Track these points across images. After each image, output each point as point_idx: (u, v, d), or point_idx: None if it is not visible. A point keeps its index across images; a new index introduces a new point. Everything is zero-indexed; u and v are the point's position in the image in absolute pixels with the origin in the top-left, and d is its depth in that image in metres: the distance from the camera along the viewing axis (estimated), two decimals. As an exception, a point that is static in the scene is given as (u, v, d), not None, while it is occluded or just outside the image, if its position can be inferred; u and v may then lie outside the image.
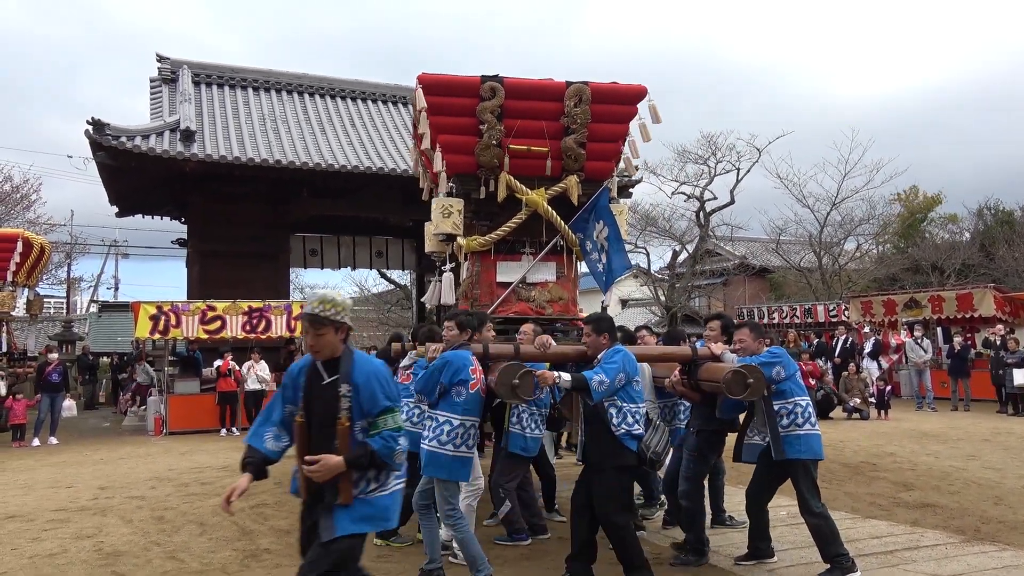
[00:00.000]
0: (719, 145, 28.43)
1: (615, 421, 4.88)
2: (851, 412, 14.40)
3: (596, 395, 4.78)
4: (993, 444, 10.75)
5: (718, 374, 5.11)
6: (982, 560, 5.40)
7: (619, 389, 4.89)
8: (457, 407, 5.13)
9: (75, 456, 11.66)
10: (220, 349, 14.73)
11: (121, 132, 15.58)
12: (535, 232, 6.97)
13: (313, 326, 3.44)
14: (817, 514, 5.09)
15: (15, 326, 18.44)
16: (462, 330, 5.41)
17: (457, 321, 5.44)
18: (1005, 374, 14.81)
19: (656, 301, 30.68)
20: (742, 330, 5.43)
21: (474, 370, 5.20)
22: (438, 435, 5.11)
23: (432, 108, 6.67)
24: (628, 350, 5.14)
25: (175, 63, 19.35)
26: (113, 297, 36.43)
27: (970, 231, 30.41)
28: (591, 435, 5.05)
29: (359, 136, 19.06)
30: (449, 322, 5.49)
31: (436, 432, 5.13)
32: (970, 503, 7.26)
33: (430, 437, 5.16)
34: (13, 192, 25.29)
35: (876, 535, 6.11)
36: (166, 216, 20.70)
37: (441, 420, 5.14)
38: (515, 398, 4.89)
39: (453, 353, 5.23)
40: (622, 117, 7.07)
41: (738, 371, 4.95)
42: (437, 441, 5.10)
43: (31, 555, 5.87)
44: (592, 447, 5.04)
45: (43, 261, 17.14)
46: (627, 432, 4.88)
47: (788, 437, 5.11)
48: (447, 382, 5.14)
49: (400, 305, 36.61)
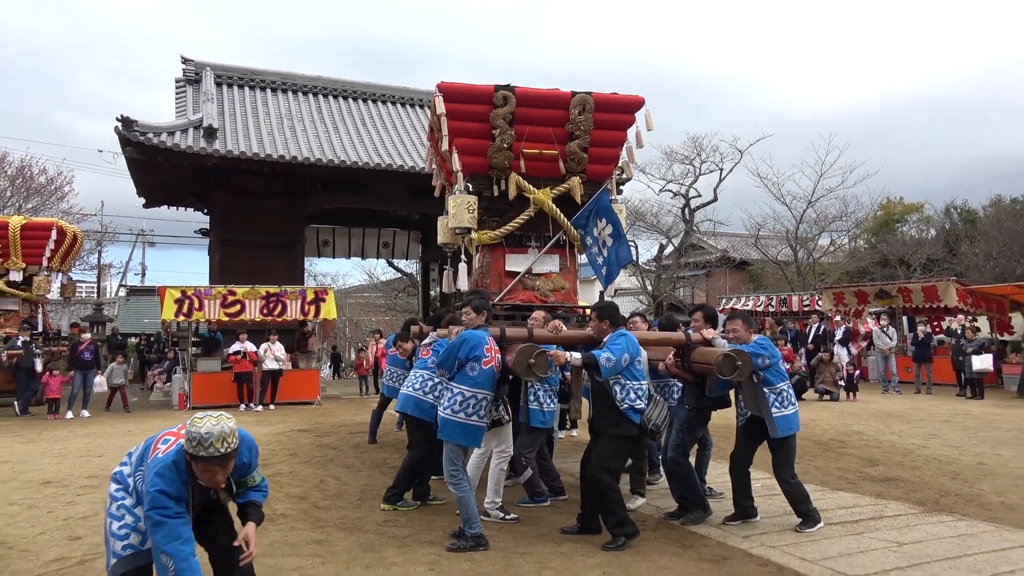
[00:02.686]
0: (704, 146, 28.64)
1: (619, 397, 5.18)
2: (822, 394, 14.61)
3: (605, 371, 5.07)
4: (952, 424, 10.90)
5: (710, 357, 5.34)
6: (940, 529, 5.54)
7: (624, 368, 5.15)
8: (470, 380, 5.33)
9: (105, 428, 11.76)
10: (238, 331, 14.87)
11: (148, 129, 15.62)
12: (541, 227, 7.12)
13: (227, 462, 3.19)
14: (792, 483, 5.56)
15: (50, 308, 18.52)
16: (478, 313, 5.63)
17: (473, 306, 5.66)
18: (964, 360, 15.02)
19: (644, 291, 30.88)
20: (735, 320, 5.64)
21: (488, 349, 5.39)
22: (452, 404, 5.33)
23: (450, 114, 6.80)
24: (630, 333, 5.40)
25: (199, 65, 19.35)
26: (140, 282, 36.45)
27: (936, 229, 30.61)
28: (598, 409, 5.37)
29: (369, 135, 19.12)
30: (466, 307, 5.72)
31: (451, 402, 5.34)
32: (930, 477, 7.37)
33: (445, 405, 5.39)
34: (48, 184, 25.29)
35: (843, 506, 6.24)
36: (190, 207, 20.75)
37: (455, 391, 5.35)
38: (531, 375, 5.16)
39: (470, 332, 5.45)
40: (622, 124, 7.22)
41: (728, 355, 5.19)
42: (451, 409, 5.32)
43: (65, 517, 5.98)
44: (598, 419, 5.38)
45: (76, 248, 17.21)
46: (630, 407, 5.18)
47: (777, 419, 5.45)
48: (463, 357, 5.35)
49: (407, 292, 36.71)
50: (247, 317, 14.74)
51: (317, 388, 15.65)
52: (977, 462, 8.12)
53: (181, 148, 15.51)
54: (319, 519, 5.95)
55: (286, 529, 5.65)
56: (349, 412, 13.39)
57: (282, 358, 14.78)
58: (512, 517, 5.90)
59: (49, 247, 15.47)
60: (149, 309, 25.95)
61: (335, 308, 15.83)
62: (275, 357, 14.60)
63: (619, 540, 5.10)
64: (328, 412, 13.53)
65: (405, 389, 6.47)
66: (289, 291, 15.09)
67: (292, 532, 5.58)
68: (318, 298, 15.31)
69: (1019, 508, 6.20)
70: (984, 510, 6.14)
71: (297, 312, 15.11)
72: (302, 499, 6.59)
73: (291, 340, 16.38)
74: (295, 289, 15.30)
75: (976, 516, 5.94)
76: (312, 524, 5.80)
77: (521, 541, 5.35)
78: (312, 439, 9.96)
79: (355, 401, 16.00)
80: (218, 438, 3.07)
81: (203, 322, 15.52)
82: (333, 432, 10.61)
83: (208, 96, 17.78)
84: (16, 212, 21.92)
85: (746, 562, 4.86)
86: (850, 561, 4.82)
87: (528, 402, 6.23)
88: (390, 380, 8.94)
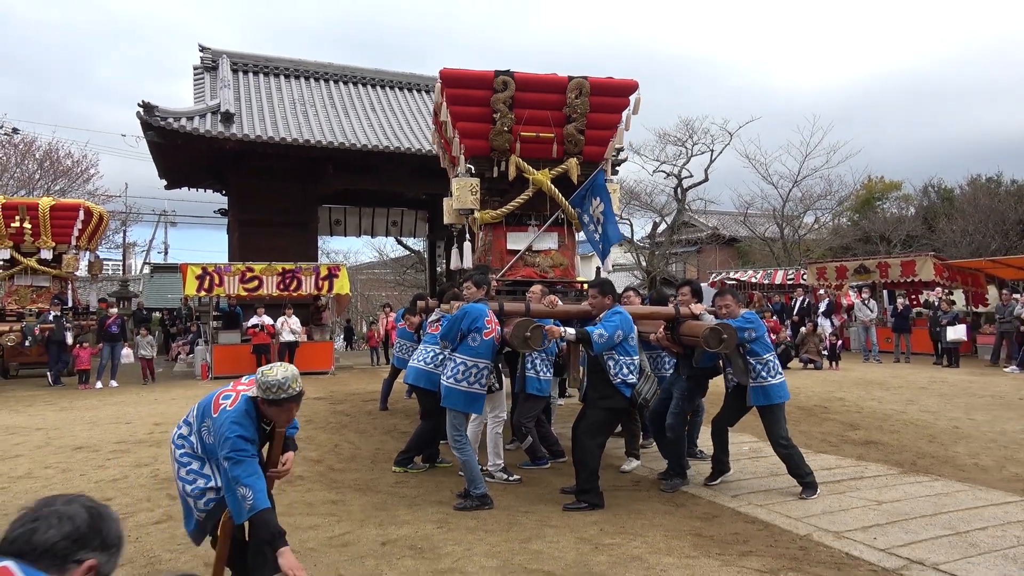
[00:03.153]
0: (695, 129, 28.43)
1: (613, 371, 5.15)
2: (806, 363, 14.62)
3: (596, 347, 5.04)
4: (929, 391, 10.92)
5: (698, 330, 5.31)
6: (917, 488, 5.57)
7: (617, 344, 5.13)
8: (471, 351, 5.35)
9: (133, 397, 11.80)
10: (256, 305, 14.88)
11: (168, 114, 15.52)
12: (540, 207, 7.10)
13: (300, 400, 3.47)
14: (785, 445, 5.49)
15: (78, 285, 18.53)
16: (478, 288, 5.63)
17: (473, 280, 5.67)
18: (941, 331, 15.03)
19: (638, 266, 30.84)
20: (726, 296, 5.59)
21: (489, 321, 5.40)
22: (455, 373, 5.34)
23: (451, 99, 6.74)
24: (625, 310, 5.37)
25: (215, 53, 19.16)
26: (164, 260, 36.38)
27: (915, 207, 30.45)
28: (592, 382, 5.34)
29: (379, 119, 18.98)
30: (467, 283, 5.72)
31: (453, 371, 5.36)
32: (908, 441, 7.39)
33: (448, 375, 5.41)
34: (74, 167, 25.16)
35: (826, 467, 6.26)
36: (209, 189, 20.66)
37: (458, 361, 5.37)
38: (527, 347, 5.15)
39: (472, 305, 5.46)
40: (616, 107, 7.15)
41: (714, 328, 5.16)
42: (453, 379, 5.34)
43: (97, 480, 6.00)
44: (592, 391, 5.34)
45: (102, 228, 17.18)
46: (623, 381, 5.16)
47: (767, 387, 5.44)
48: (465, 328, 5.36)
49: (415, 268, 36.69)
50: (264, 292, 14.74)
51: (331, 359, 15.68)
52: (952, 426, 8.15)
53: (200, 132, 15.42)
54: (335, 481, 5.99)
55: (303, 490, 5.69)
56: (362, 381, 13.44)
57: (298, 331, 14.81)
58: (515, 478, 5.93)
59: (77, 227, 15.44)
60: (172, 285, 25.97)
61: (348, 283, 15.83)
62: (291, 330, 14.63)
63: (580, 505, 5.12)
64: (342, 381, 13.57)
65: (415, 362, 6.47)
66: (304, 267, 15.08)
67: (309, 493, 5.61)
68: (331, 274, 15.30)
69: (991, 469, 6.22)
70: (958, 471, 6.17)
71: (312, 287, 15.10)
72: (318, 462, 6.62)
73: (306, 314, 16.41)
74: (309, 266, 15.28)
75: (951, 476, 5.97)
76: (328, 486, 5.84)
77: (523, 500, 5.38)
78: (327, 407, 10.00)
79: (367, 371, 16.05)
80: (292, 380, 3.39)
81: (223, 297, 15.53)
82: (347, 400, 10.65)
83: (225, 82, 17.63)
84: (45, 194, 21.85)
85: (735, 519, 4.89)
86: (832, 518, 4.85)
87: (525, 371, 6.24)
88: (399, 352, 8.98)
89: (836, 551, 4.23)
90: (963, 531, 4.53)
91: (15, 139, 24.34)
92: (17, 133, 24.52)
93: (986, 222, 24.19)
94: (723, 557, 4.15)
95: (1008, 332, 14.69)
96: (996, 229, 23.96)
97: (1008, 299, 14.96)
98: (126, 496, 5.62)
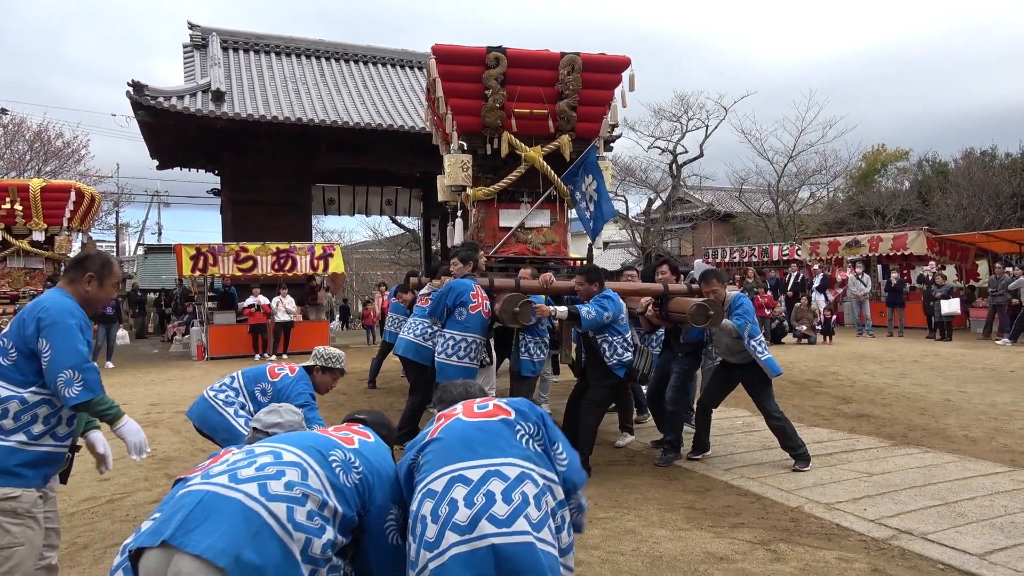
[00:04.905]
0: (690, 104, 28.30)
1: (607, 354, 5.29)
2: (800, 338, 14.71)
3: (585, 323, 5.14)
4: (921, 365, 11.00)
5: (684, 307, 5.35)
6: (907, 460, 5.64)
7: (607, 325, 5.20)
8: (459, 325, 5.43)
9: (129, 378, 11.83)
10: (251, 285, 14.84)
11: (159, 93, 15.36)
12: (532, 184, 7.06)
13: (342, 374, 4.62)
14: (777, 417, 5.53)
15: (71, 266, 18.43)
16: (464, 264, 5.67)
17: (459, 256, 5.73)
18: (934, 305, 15.11)
19: (633, 243, 30.83)
20: (711, 280, 5.58)
21: (475, 295, 5.46)
22: (445, 349, 5.41)
23: (444, 75, 6.68)
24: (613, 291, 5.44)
25: (205, 30, 18.91)
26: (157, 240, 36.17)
27: (910, 180, 30.42)
28: (590, 362, 5.54)
29: (371, 96, 18.82)
30: (454, 259, 5.78)
31: (444, 347, 5.43)
32: (899, 414, 7.46)
33: (439, 351, 5.49)
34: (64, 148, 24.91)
35: (819, 440, 6.32)
36: (202, 169, 20.47)
37: (447, 336, 5.44)
38: (515, 323, 5.22)
39: (457, 281, 5.52)
40: (609, 84, 7.09)
41: (701, 305, 5.21)
42: (445, 354, 5.41)
43: (91, 460, 6.05)
44: (591, 370, 5.52)
45: (94, 209, 17.03)
46: (617, 362, 5.30)
47: (763, 363, 5.44)
48: (451, 304, 5.43)
49: (409, 247, 36.63)
50: (259, 272, 14.72)
51: (327, 338, 15.70)
52: (944, 399, 8.22)
53: (191, 111, 15.27)
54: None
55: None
56: (358, 360, 13.46)
57: (293, 310, 14.81)
58: None
59: (68, 208, 15.29)
60: (166, 266, 25.88)
61: (342, 263, 15.81)
62: (286, 310, 14.63)
63: None
64: (338, 360, 13.60)
65: (405, 334, 6.53)
66: (299, 247, 15.06)
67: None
68: (326, 253, 15.28)
69: (981, 440, 6.29)
70: (949, 442, 6.24)
71: (307, 267, 15.10)
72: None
73: (301, 294, 16.39)
74: (304, 245, 15.26)
75: (941, 448, 6.04)
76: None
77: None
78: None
79: (363, 349, 16.08)
80: (343, 357, 4.54)
81: (218, 277, 15.49)
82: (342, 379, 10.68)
83: (215, 60, 17.44)
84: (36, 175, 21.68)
85: (727, 492, 4.95)
86: (823, 490, 4.91)
87: (520, 353, 6.28)
88: (391, 326, 9.04)
89: (827, 522, 4.29)
90: (952, 501, 4.59)
91: (4, 120, 24.06)
92: (6, 114, 24.25)
93: (980, 195, 24.20)
94: (715, 529, 4.21)
95: (1000, 305, 14.77)
96: (990, 202, 23.97)
97: (1001, 272, 15.02)
98: (123, 476, 5.66)
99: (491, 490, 2.14)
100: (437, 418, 2.50)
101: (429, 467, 2.25)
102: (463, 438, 2.30)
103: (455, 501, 2.12)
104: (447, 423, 2.38)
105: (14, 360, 2.79)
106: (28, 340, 2.78)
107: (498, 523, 2.08)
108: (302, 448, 2.20)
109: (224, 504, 1.94)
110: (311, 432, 2.49)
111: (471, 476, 2.18)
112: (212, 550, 1.82)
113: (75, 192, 15.51)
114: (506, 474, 2.19)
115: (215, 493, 1.97)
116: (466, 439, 2.29)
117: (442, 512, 2.11)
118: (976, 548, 3.80)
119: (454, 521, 2.09)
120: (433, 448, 2.30)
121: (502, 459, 2.23)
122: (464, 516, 2.09)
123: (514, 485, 2.17)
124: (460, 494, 2.14)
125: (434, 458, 2.27)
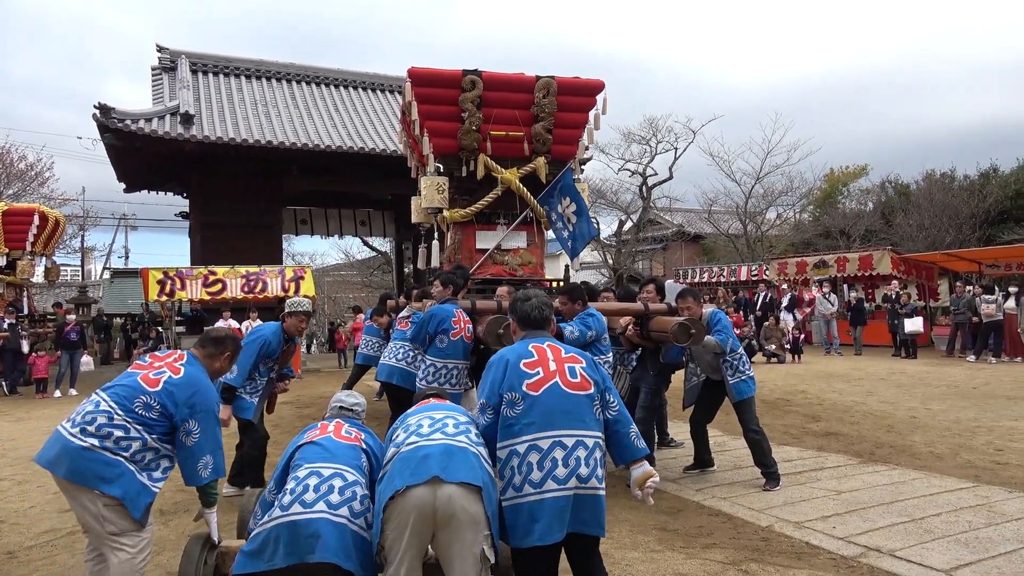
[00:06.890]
0: (659, 127, 28.74)
1: None
2: (770, 357, 14.90)
3: (567, 341, 5.10)
4: (888, 382, 11.17)
5: (666, 326, 5.41)
6: (875, 478, 5.72)
7: (590, 344, 5.21)
8: (440, 352, 5.40)
9: (96, 405, 11.59)
10: (220, 308, 14.65)
11: (126, 116, 15.23)
12: (509, 205, 7.15)
13: (309, 316, 5.45)
14: (755, 431, 5.61)
15: (35, 291, 18.10)
16: (445, 287, 5.64)
17: (441, 280, 5.69)
18: (899, 323, 15.44)
19: (605, 264, 31.06)
20: (687, 299, 5.67)
21: (456, 321, 5.42)
22: (426, 375, 5.39)
23: (420, 98, 6.75)
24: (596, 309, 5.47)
25: (174, 53, 18.84)
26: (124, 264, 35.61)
27: (873, 202, 31.11)
28: None
29: (342, 119, 18.84)
30: (435, 281, 5.74)
31: (425, 372, 5.40)
32: (867, 431, 7.56)
33: (420, 377, 5.46)
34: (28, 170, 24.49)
35: (788, 459, 6.38)
36: (170, 192, 20.30)
37: (428, 363, 5.41)
38: (499, 345, 5.17)
39: (438, 307, 5.47)
40: (583, 107, 7.23)
41: (683, 323, 5.27)
42: (425, 381, 5.38)
43: (55, 491, 5.77)
44: None
45: (58, 233, 16.80)
46: None
47: (737, 384, 5.56)
48: (432, 331, 5.39)
49: (381, 269, 36.45)
50: (229, 295, 14.54)
51: (298, 362, 15.54)
52: (910, 416, 8.36)
53: (159, 134, 15.15)
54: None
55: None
56: (329, 384, 13.34)
57: (264, 334, 14.62)
58: None
59: (32, 232, 15.09)
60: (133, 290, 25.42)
61: (313, 285, 15.70)
62: (257, 333, 14.44)
63: None
64: (309, 384, 13.46)
65: (387, 360, 6.44)
66: (268, 270, 14.93)
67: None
68: (297, 276, 15.17)
69: (946, 457, 6.42)
70: (915, 459, 6.35)
71: (277, 289, 14.92)
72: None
73: (272, 317, 16.19)
74: (274, 268, 15.13)
75: (907, 465, 6.14)
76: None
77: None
78: (294, 411, 9.92)
79: (335, 373, 15.94)
80: (307, 304, 5.50)
81: (185, 301, 15.28)
82: (313, 403, 10.56)
83: (184, 83, 17.35)
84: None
85: (699, 512, 4.99)
86: (793, 509, 4.97)
87: None
88: (366, 348, 8.89)
89: (797, 541, 4.35)
90: (918, 518, 4.68)
91: (-36, 142, 23.63)
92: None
93: (941, 216, 24.82)
94: (687, 550, 4.24)
95: (962, 323, 15.13)
96: (950, 223, 24.60)
97: (962, 291, 15.41)
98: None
99: (578, 455, 2.86)
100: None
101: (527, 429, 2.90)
102: (556, 407, 2.94)
103: (556, 459, 2.83)
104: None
105: (155, 418, 3.19)
106: (178, 412, 3.20)
107: (583, 479, 2.85)
108: (462, 413, 3.13)
109: (457, 450, 2.75)
110: (450, 406, 3.22)
111: (542, 446, 2.87)
112: (470, 476, 2.65)
113: (39, 216, 15.30)
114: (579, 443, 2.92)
115: (447, 444, 2.76)
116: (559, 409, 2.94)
117: (546, 464, 2.83)
118: (942, 564, 3.89)
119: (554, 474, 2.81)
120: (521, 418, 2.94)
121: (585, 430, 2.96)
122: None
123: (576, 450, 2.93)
124: (560, 455, 2.85)
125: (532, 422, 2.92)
